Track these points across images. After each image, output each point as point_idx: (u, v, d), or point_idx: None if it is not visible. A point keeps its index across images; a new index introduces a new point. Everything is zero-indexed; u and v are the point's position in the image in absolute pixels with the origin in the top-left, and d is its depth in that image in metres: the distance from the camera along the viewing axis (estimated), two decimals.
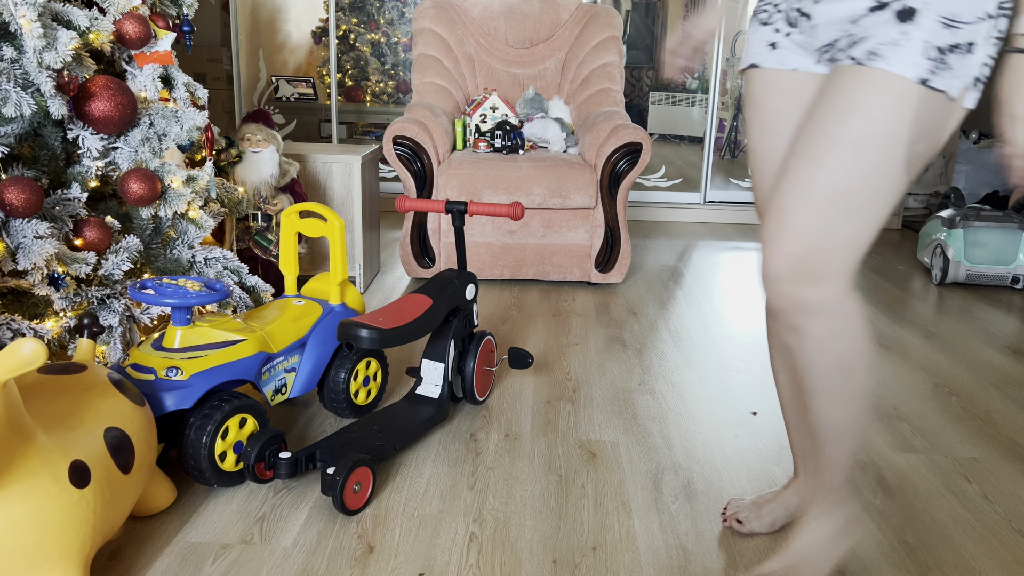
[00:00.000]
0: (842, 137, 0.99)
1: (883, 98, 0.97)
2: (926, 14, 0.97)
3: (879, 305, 2.99)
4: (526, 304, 2.85)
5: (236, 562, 1.34)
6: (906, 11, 0.98)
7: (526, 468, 1.68)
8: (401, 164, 2.92)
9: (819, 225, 1.00)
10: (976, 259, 3.22)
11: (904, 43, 0.97)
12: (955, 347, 2.55)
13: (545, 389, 2.10)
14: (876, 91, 0.98)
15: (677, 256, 3.68)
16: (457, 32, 3.52)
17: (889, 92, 0.97)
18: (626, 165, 2.92)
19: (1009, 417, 2.02)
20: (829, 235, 1.00)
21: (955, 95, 0.99)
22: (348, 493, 1.46)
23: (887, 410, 2.03)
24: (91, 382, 1.27)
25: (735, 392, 2.11)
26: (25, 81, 1.49)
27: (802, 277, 1.02)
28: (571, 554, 1.39)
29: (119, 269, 1.66)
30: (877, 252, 3.90)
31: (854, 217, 1.00)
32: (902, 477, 1.69)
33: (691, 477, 1.66)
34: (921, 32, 0.97)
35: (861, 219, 1.01)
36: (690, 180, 4.75)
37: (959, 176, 4.74)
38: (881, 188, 1.00)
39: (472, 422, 1.89)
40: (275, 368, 1.69)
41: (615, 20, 3.57)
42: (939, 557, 1.42)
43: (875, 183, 0.99)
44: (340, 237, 1.82)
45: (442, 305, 1.77)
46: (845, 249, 1.01)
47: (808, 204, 1.00)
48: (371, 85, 4.91)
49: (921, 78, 0.97)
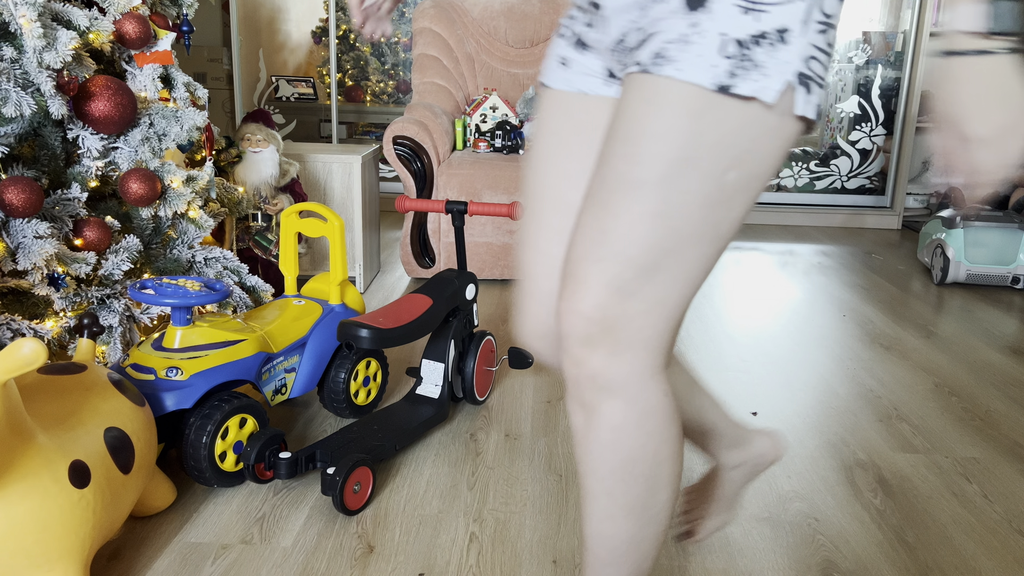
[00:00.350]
0: (630, 175, 0.76)
1: (673, 118, 0.74)
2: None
3: (879, 305, 2.99)
4: None
5: (236, 562, 1.34)
6: None
7: (526, 468, 1.68)
8: (401, 164, 2.92)
9: (615, 283, 0.78)
10: (976, 259, 3.22)
11: (695, 39, 0.74)
12: (955, 347, 2.54)
13: (545, 389, 2.10)
14: (664, 109, 0.75)
15: None
16: (457, 32, 3.52)
17: (680, 108, 0.74)
18: None
19: (1009, 417, 2.02)
20: (628, 295, 0.78)
21: (770, 100, 0.74)
22: (348, 493, 1.46)
23: (887, 410, 2.03)
24: (91, 382, 1.27)
25: (735, 392, 2.11)
26: (25, 81, 1.49)
27: (598, 342, 0.80)
28: (571, 554, 1.39)
29: (119, 269, 1.66)
30: (877, 252, 3.90)
31: (657, 274, 0.77)
32: (902, 477, 1.69)
33: (691, 478, 1.66)
34: (715, 22, 0.73)
35: (667, 276, 0.78)
36: None
37: None
38: (689, 236, 0.77)
39: (472, 422, 1.88)
40: (275, 368, 1.69)
41: None
42: (939, 557, 1.42)
43: (678, 230, 0.76)
44: (340, 237, 1.82)
45: (442, 305, 1.77)
46: (651, 314, 0.79)
47: (601, 258, 0.78)
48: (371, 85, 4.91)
49: (720, 84, 0.73)
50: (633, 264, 0.77)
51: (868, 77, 4.56)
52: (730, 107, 0.74)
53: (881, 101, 4.57)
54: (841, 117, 4.65)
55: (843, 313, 2.87)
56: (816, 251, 3.87)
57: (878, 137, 4.61)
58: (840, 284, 3.27)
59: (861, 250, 3.94)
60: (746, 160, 0.76)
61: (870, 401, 2.09)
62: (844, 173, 4.67)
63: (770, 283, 3.25)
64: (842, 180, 4.68)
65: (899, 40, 4.52)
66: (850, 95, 4.60)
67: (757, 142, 0.76)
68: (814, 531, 1.48)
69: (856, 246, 4.03)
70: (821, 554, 1.41)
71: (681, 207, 0.76)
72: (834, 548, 1.43)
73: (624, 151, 0.77)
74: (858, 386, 2.18)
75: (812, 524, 1.50)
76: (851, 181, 4.68)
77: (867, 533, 1.48)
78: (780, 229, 4.41)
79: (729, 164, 0.76)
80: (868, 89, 4.57)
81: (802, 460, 1.75)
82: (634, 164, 0.76)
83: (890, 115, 4.58)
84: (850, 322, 2.76)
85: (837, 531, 1.48)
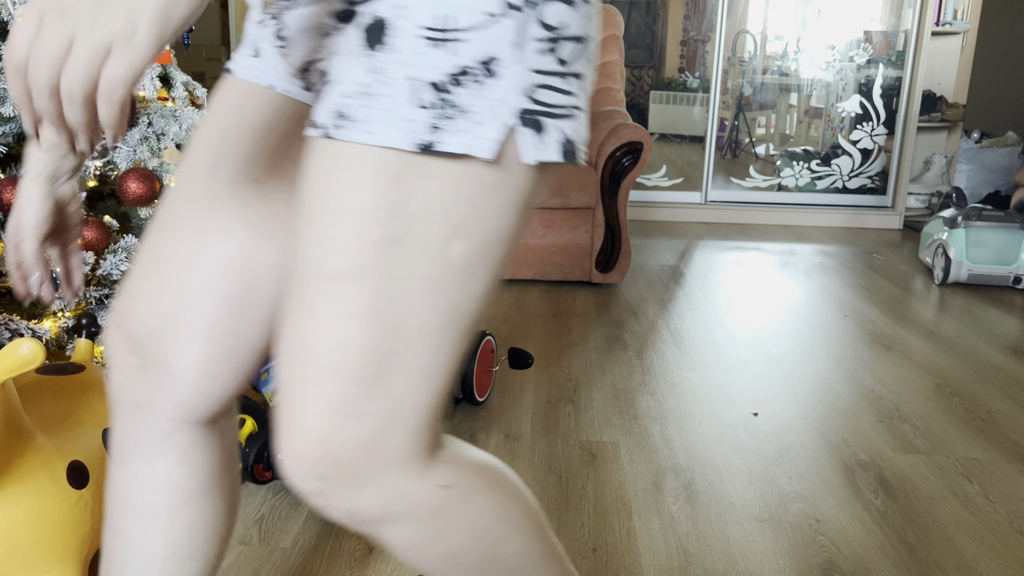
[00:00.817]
0: (328, 266, 0.60)
1: (368, 190, 0.58)
2: (404, 30, 0.57)
3: (880, 305, 2.98)
4: (526, 304, 2.85)
5: (235, 563, 1.33)
6: (376, 26, 0.57)
7: (526, 469, 1.67)
8: None
9: (333, 407, 0.61)
10: (978, 259, 3.21)
11: (380, 89, 0.57)
12: (957, 347, 2.54)
13: (545, 389, 2.09)
14: (356, 181, 0.58)
15: (678, 256, 3.68)
16: None
17: (375, 177, 0.58)
18: (627, 164, 2.91)
19: (1011, 418, 2.02)
20: (353, 417, 0.61)
21: (487, 156, 0.58)
22: None
23: (888, 411, 2.03)
24: (89, 383, 1.27)
25: (736, 393, 2.11)
26: None
27: (335, 480, 0.63)
28: (571, 555, 1.39)
29: (117, 269, 1.66)
30: (879, 252, 3.90)
31: (384, 383, 0.61)
32: (903, 478, 1.69)
33: (692, 478, 1.66)
34: (400, 64, 0.57)
35: (398, 382, 0.61)
36: (691, 180, 4.74)
37: (961, 176, 4.73)
38: (417, 329, 0.61)
39: (472, 423, 1.88)
40: (274, 368, 1.69)
41: (616, 19, 3.57)
42: (940, 558, 1.41)
43: (400, 327, 0.60)
44: None
45: None
46: (388, 429, 0.62)
47: (310, 379, 0.61)
48: None
49: (420, 143, 0.57)
50: (350, 379, 0.61)
51: (869, 76, 4.55)
52: (437, 168, 0.58)
53: (882, 100, 4.57)
54: (842, 116, 4.64)
55: (844, 313, 2.86)
56: (817, 251, 3.87)
57: (879, 137, 4.60)
58: (841, 284, 3.27)
59: (862, 250, 3.94)
60: (472, 228, 0.60)
61: (871, 401, 2.08)
62: (845, 173, 4.67)
63: (771, 283, 3.24)
64: (843, 180, 4.67)
65: (900, 39, 4.51)
66: (851, 94, 4.60)
67: (480, 205, 0.60)
68: (815, 532, 1.48)
69: (857, 246, 4.03)
70: (822, 555, 1.41)
71: (398, 299, 0.60)
72: (835, 549, 1.43)
73: (316, 234, 0.60)
74: (859, 386, 2.18)
75: (813, 525, 1.50)
76: (852, 181, 4.67)
77: (868, 534, 1.48)
78: (781, 229, 4.41)
79: (448, 235, 0.60)
80: (869, 88, 4.56)
81: (803, 461, 1.75)
82: (330, 251, 0.60)
83: (891, 115, 4.57)
84: (851, 322, 2.76)
85: (838, 532, 1.48)
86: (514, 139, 0.59)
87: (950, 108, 5.04)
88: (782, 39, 4.67)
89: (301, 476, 0.64)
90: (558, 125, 0.61)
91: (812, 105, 4.78)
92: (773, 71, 4.75)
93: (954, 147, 4.66)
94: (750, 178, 4.71)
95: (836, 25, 4.56)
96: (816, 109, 4.77)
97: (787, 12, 4.59)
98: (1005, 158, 4.64)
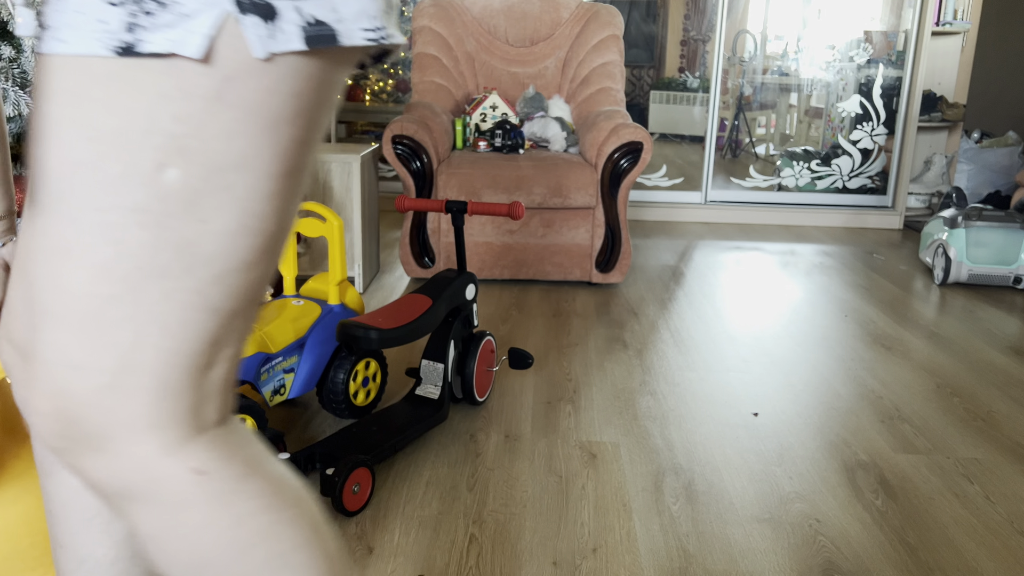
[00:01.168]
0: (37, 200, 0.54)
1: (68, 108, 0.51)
2: None
3: (880, 305, 2.98)
4: (526, 304, 2.84)
5: None
6: None
7: (526, 469, 1.67)
8: (400, 163, 2.91)
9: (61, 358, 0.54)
10: (978, 259, 3.21)
11: None
12: (957, 347, 2.54)
13: (545, 390, 2.09)
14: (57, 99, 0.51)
15: (678, 256, 3.68)
16: (457, 31, 3.51)
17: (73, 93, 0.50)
18: (627, 164, 2.91)
19: (1011, 418, 2.02)
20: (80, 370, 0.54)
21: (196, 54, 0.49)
22: (347, 494, 1.46)
23: (889, 411, 2.03)
24: None
25: (736, 393, 2.11)
26: (24, 80, 1.48)
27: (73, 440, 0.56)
28: (571, 556, 1.38)
29: None
30: (879, 252, 3.90)
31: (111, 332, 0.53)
32: (904, 478, 1.69)
33: (692, 478, 1.65)
34: None
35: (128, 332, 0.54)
36: (691, 180, 4.74)
37: (961, 176, 4.73)
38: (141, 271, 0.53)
39: (472, 423, 1.88)
40: (274, 368, 1.68)
41: (616, 19, 3.56)
42: (941, 558, 1.41)
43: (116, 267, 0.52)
44: (339, 237, 1.82)
45: (442, 305, 1.76)
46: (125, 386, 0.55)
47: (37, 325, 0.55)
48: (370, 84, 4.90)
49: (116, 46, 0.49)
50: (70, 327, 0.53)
51: (869, 76, 4.55)
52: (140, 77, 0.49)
53: (883, 100, 4.56)
54: (842, 116, 4.64)
55: (844, 313, 2.86)
56: (817, 251, 3.86)
57: (879, 136, 4.60)
58: (841, 284, 3.27)
59: (862, 250, 3.94)
60: (190, 149, 0.51)
61: (871, 401, 2.08)
62: (845, 173, 4.66)
63: (771, 283, 3.24)
64: (843, 180, 4.67)
65: (901, 39, 4.51)
66: (851, 94, 4.59)
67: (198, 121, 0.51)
68: (815, 532, 1.48)
69: (857, 246, 4.03)
70: (822, 555, 1.41)
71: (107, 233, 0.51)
72: (835, 549, 1.43)
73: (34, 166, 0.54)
74: (859, 386, 2.18)
75: (813, 525, 1.50)
76: (852, 181, 4.67)
77: (868, 534, 1.48)
78: (781, 229, 4.40)
79: (161, 158, 0.51)
80: (869, 88, 4.56)
81: (803, 461, 1.74)
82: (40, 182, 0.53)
83: (891, 114, 4.57)
84: (851, 322, 2.75)
85: (838, 532, 1.48)
86: (239, 31, 0.49)
87: (950, 108, 5.04)
88: (782, 39, 4.67)
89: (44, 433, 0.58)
90: (296, 5, 0.50)
91: (812, 105, 4.78)
92: (773, 71, 4.74)
93: (954, 147, 4.66)
94: (750, 178, 4.71)
95: (836, 25, 4.55)
96: (816, 109, 4.77)
97: (787, 12, 4.59)
98: (1005, 158, 4.64)
